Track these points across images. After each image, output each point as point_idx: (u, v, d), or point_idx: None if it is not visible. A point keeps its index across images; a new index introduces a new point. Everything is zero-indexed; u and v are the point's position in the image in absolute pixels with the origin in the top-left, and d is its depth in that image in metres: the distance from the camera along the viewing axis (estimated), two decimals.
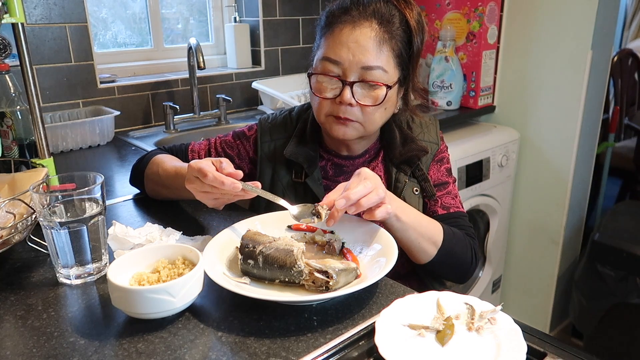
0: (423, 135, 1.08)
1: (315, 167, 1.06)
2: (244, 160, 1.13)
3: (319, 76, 0.97)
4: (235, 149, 1.13)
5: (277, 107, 1.95)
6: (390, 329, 0.65)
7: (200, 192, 0.85)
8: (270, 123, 1.12)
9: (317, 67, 0.98)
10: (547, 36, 1.98)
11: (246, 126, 1.15)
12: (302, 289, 0.76)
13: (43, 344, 0.66)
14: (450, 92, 2.04)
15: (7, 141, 1.12)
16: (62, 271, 0.80)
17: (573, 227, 2.20)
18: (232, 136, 1.14)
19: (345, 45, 0.93)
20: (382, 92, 0.94)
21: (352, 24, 0.93)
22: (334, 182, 1.07)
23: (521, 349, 0.61)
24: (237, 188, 0.81)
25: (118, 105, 1.76)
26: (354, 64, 0.93)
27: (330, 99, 0.96)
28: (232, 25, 2.08)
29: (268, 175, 1.09)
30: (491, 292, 2.24)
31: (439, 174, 1.08)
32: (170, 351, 0.64)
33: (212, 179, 0.81)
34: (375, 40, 0.92)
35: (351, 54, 0.92)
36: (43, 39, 1.58)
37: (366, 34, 0.93)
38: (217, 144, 1.14)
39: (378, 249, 0.83)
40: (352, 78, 0.94)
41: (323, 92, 0.97)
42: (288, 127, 1.11)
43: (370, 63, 0.92)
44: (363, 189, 0.81)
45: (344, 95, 0.94)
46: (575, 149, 2.01)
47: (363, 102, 0.95)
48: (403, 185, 1.04)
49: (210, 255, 0.80)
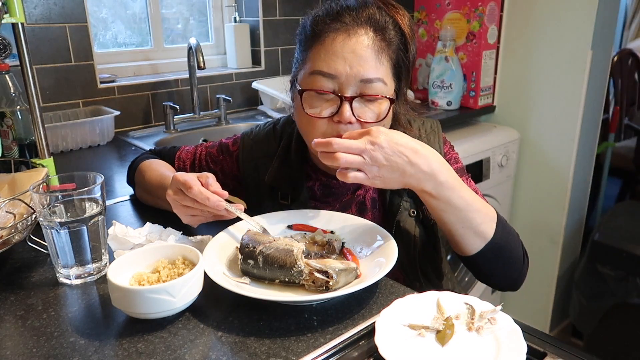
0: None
1: (302, 190, 0.98)
2: (227, 176, 1.07)
3: (310, 93, 0.85)
4: (219, 164, 1.07)
5: (277, 107, 1.95)
6: (390, 329, 0.65)
7: (180, 206, 0.82)
8: (253, 140, 1.05)
9: (306, 83, 0.86)
10: (547, 36, 1.98)
11: (232, 138, 1.09)
12: (302, 289, 0.75)
13: (43, 344, 0.66)
14: (450, 92, 2.04)
15: (7, 141, 1.12)
16: (62, 271, 0.80)
17: (573, 227, 2.20)
18: (217, 149, 1.08)
19: (340, 57, 0.82)
20: (384, 106, 0.85)
21: (345, 32, 0.83)
22: (323, 202, 1.00)
23: (521, 349, 0.61)
24: (221, 207, 0.78)
25: (118, 105, 1.76)
26: (352, 77, 0.82)
27: (326, 117, 0.85)
28: (232, 25, 2.08)
29: (253, 198, 1.04)
30: (491, 292, 2.24)
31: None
32: (170, 351, 0.64)
33: (196, 192, 0.77)
34: (373, 50, 0.83)
35: (348, 65, 0.82)
36: (43, 39, 1.58)
37: (363, 42, 0.82)
38: (202, 157, 1.09)
39: (378, 249, 0.83)
40: (349, 93, 0.83)
41: (317, 111, 0.85)
42: (271, 144, 1.03)
43: (370, 75, 0.82)
44: (353, 142, 0.74)
45: (343, 114, 0.82)
46: (575, 149, 2.01)
47: (364, 119, 0.84)
48: (397, 208, 0.95)
49: (210, 255, 0.80)
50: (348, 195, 1.01)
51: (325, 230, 0.90)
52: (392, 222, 0.96)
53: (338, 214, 0.94)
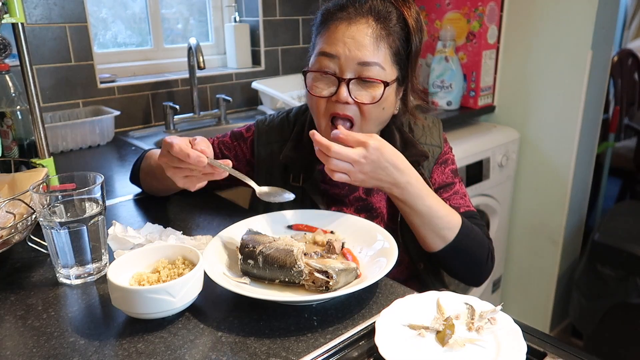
0: (425, 139, 1.06)
1: (313, 171, 1.04)
2: (241, 162, 1.11)
3: (314, 74, 0.94)
4: (233, 150, 1.11)
5: (277, 107, 1.95)
6: (390, 329, 0.65)
7: (171, 168, 0.85)
8: (268, 125, 1.10)
9: (314, 65, 0.95)
10: (547, 36, 1.98)
11: (244, 126, 1.14)
12: (302, 289, 0.76)
13: (43, 344, 0.66)
14: (450, 92, 2.04)
15: (7, 141, 1.12)
16: (62, 271, 0.80)
17: (573, 227, 2.20)
18: (229, 137, 1.13)
19: (341, 41, 0.91)
20: (379, 89, 0.91)
21: (347, 20, 0.91)
22: (333, 186, 1.05)
23: (521, 349, 0.61)
24: (203, 162, 0.80)
25: (118, 105, 1.76)
26: (350, 59, 0.90)
27: (326, 97, 0.93)
28: (232, 25, 2.08)
29: (265, 180, 1.07)
30: (491, 292, 2.24)
31: (444, 176, 1.06)
32: (170, 351, 0.64)
33: (177, 150, 0.80)
34: (372, 37, 0.90)
35: (347, 49, 0.90)
36: (43, 39, 1.58)
37: (362, 30, 0.90)
38: (214, 145, 1.12)
39: (378, 249, 0.83)
40: (348, 75, 0.91)
41: (319, 91, 0.94)
42: (285, 130, 1.09)
43: (367, 59, 0.90)
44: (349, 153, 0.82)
45: (340, 93, 0.91)
46: (575, 149, 2.01)
47: (360, 100, 0.92)
48: None
49: (210, 255, 0.80)
50: None
51: (325, 230, 0.90)
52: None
53: (338, 214, 0.95)
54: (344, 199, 1.05)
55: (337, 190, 1.05)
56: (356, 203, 1.05)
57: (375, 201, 1.05)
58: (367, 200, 1.05)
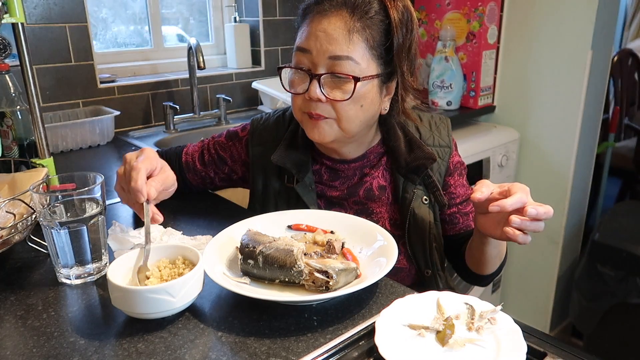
0: (433, 139, 1.02)
1: (307, 172, 1.01)
2: (237, 162, 1.09)
3: (292, 70, 0.92)
4: (228, 150, 1.09)
5: (277, 107, 1.95)
6: (390, 329, 0.65)
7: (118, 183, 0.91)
8: (263, 124, 1.08)
9: (292, 62, 0.93)
10: (547, 36, 1.98)
11: (240, 125, 1.11)
12: (302, 289, 0.75)
13: (43, 344, 0.66)
14: (450, 92, 2.04)
15: (7, 141, 1.12)
16: (62, 271, 0.80)
17: (573, 227, 2.20)
18: (225, 137, 1.11)
19: (313, 35, 0.88)
20: (351, 85, 0.87)
21: (322, 13, 0.88)
22: (329, 186, 1.03)
23: (521, 349, 0.61)
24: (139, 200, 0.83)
25: (118, 105, 1.76)
26: (322, 53, 0.87)
27: (301, 94, 0.91)
28: (232, 25, 2.08)
29: (260, 180, 1.06)
30: (491, 292, 2.24)
31: (464, 189, 1.04)
32: (170, 351, 0.64)
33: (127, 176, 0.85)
34: (343, 30, 0.86)
35: (319, 42, 0.87)
36: (43, 39, 1.58)
37: (334, 23, 0.87)
38: (210, 146, 1.11)
39: (378, 249, 0.83)
40: (320, 70, 0.88)
41: (293, 87, 0.92)
42: (280, 130, 1.06)
43: (338, 52, 0.86)
44: (539, 209, 0.85)
45: (310, 90, 0.88)
46: (575, 149, 2.01)
47: (332, 97, 0.88)
48: (412, 195, 0.99)
49: (210, 255, 0.80)
50: (355, 180, 1.03)
51: (325, 230, 0.90)
52: (407, 210, 0.99)
53: (338, 214, 0.95)
54: (343, 202, 1.03)
55: (334, 193, 1.03)
56: (355, 207, 1.03)
57: (376, 206, 1.02)
58: (367, 205, 1.02)
